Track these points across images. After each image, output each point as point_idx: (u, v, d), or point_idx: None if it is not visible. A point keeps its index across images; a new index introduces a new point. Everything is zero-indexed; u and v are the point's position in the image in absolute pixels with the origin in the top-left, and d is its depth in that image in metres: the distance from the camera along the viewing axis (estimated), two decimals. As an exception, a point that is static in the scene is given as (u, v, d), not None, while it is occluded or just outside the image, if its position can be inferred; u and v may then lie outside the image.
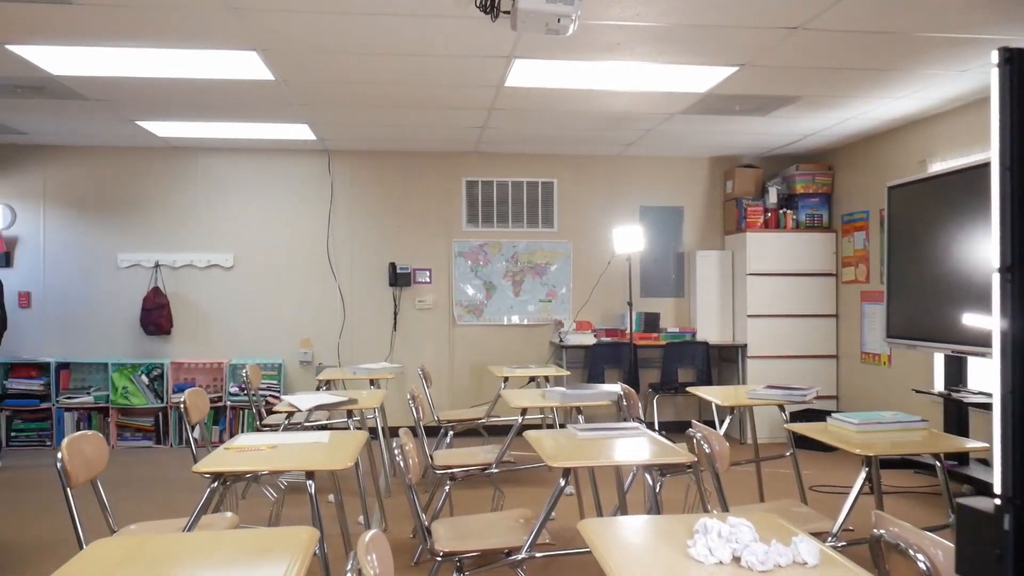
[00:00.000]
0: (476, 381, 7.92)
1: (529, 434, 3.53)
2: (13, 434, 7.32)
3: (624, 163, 8.09)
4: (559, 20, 3.46)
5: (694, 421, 3.59)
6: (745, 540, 1.91)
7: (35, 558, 4.37)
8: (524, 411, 4.63)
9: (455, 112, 6.13)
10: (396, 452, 3.10)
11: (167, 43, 4.47)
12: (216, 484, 3.03)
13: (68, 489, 3.03)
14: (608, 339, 7.64)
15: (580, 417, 4.56)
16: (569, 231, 8.03)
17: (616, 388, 4.66)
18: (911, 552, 1.87)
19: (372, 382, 5.98)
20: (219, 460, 3.00)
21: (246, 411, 7.47)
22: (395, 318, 7.83)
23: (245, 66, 4.89)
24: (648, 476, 3.26)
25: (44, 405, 7.33)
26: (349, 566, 1.76)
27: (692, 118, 6.33)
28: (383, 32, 4.28)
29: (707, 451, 3.22)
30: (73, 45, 4.54)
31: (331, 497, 5.49)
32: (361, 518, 4.61)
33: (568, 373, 6.38)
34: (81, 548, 2.99)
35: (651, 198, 8.13)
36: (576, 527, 4.82)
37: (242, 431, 7.47)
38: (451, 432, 5.94)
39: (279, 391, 7.53)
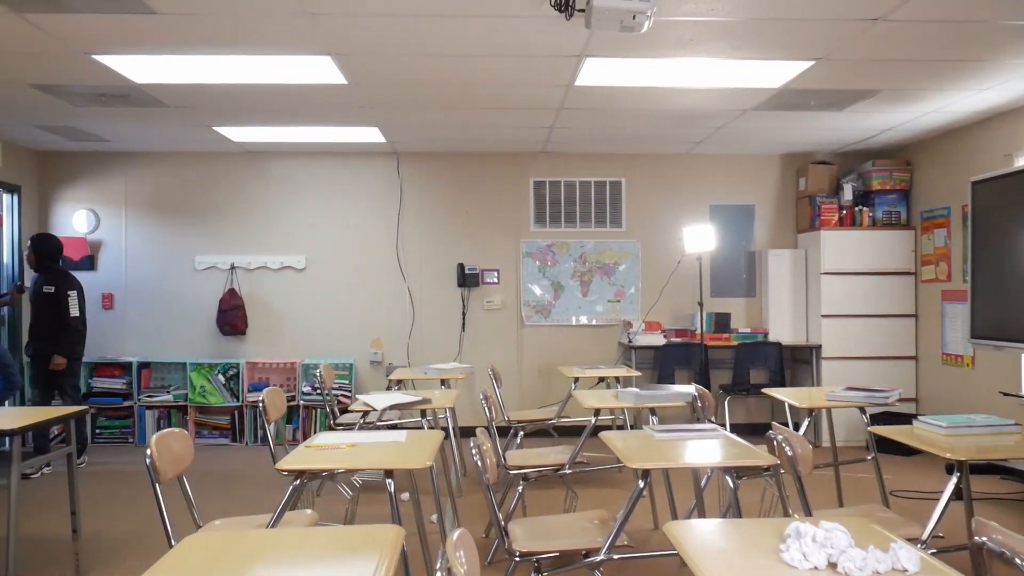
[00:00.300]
0: (544, 382, 7.91)
1: (605, 435, 3.50)
2: (98, 431, 7.58)
3: (693, 161, 7.98)
4: (634, 17, 3.42)
5: (774, 423, 3.51)
6: (841, 546, 1.85)
7: (123, 552, 4.51)
8: (597, 412, 4.60)
9: (523, 113, 6.13)
10: (473, 452, 3.10)
11: (244, 50, 4.57)
12: (298, 482, 3.08)
13: (156, 484, 3.12)
14: (678, 340, 7.55)
15: (654, 418, 4.51)
16: (637, 231, 7.96)
17: (690, 389, 4.60)
18: (1018, 561, 1.79)
19: (443, 382, 6.02)
20: (301, 458, 3.05)
21: (318, 410, 7.60)
22: (463, 319, 7.87)
23: (319, 70, 4.97)
24: (728, 479, 3.20)
25: (127, 403, 7.58)
26: (439, 564, 1.77)
27: (765, 114, 6.21)
28: (454, 34, 4.30)
29: (789, 454, 3.15)
30: (155, 54, 4.67)
31: (405, 495, 5.55)
32: (435, 517, 4.64)
33: (639, 374, 6.32)
34: (169, 542, 3.08)
35: (721, 196, 8.01)
36: (649, 529, 4.79)
37: (314, 430, 7.60)
38: (521, 432, 5.95)
39: (350, 391, 7.64)
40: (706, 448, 3.27)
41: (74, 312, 6.36)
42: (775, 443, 3.25)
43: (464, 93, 5.55)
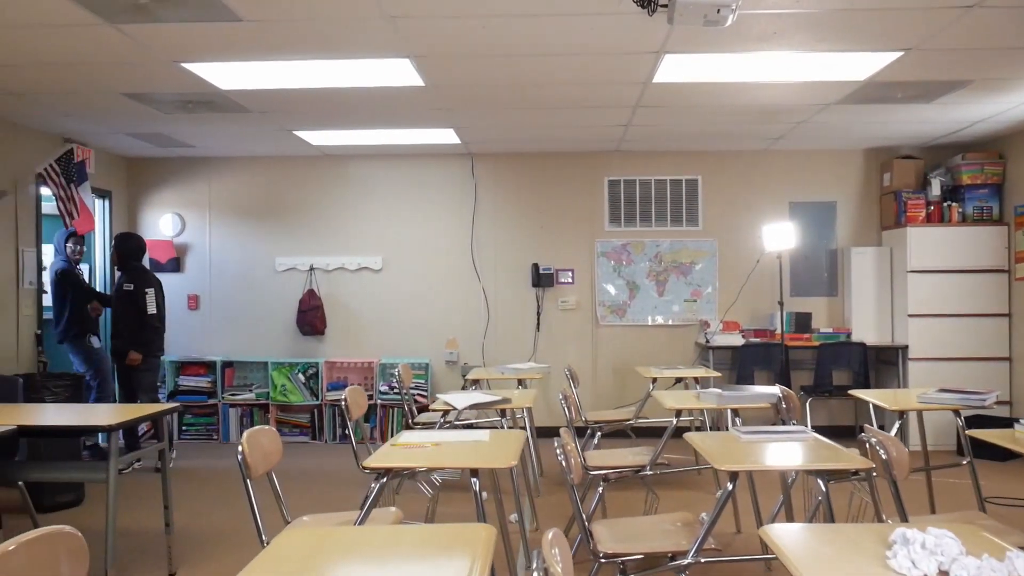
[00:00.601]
0: (620, 382, 7.85)
1: (690, 436, 3.44)
2: (184, 428, 7.82)
3: (772, 158, 7.81)
4: (718, 11, 3.36)
5: (866, 426, 3.40)
6: (952, 553, 1.78)
7: (213, 546, 4.64)
8: (679, 413, 4.54)
9: (599, 111, 6.09)
10: (557, 452, 3.09)
11: (326, 54, 4.65)
12: (384, 480, 3.11)
13: (248, 480, 3.19)
14: (757, 340, 7.40)
15: (737, 419, 4.43)
16: (714, 229, 7.83)
17: (774, 390, 4.49)
18: None
19: (520, 382, 6.02)
20: (387, 456, 3.08)
21: (395, 409, 7.69)
22: (538, 318, 7.87)
23: (397, 73, 5.02)
24: (820, 482, 3.12)
25: (211, 401, 7.80)
26: (535, 564, 1.76)
27: (848, 108, 6.03)
28: (533, 33, 4.30)
29: (883, 457, 3.05)
30: (240, 60, 4.79)
31: (484, 494, 5.56)
32: (514, 516, 4.64)
33: (719, 375, 6.21)
34: (260, 537, 3.15)
35: (801, 193, 7.82)
36: (731, 533, 4.70)
37: (391, 429, 7.69)
38: (599, 433, 5.91)
39: (426, 391, 7.71)
40: (795, 450, 3.19)
41: (151, 309, 6.46)
42: (868, 445, 3.14)
43: (540, 93, 5.55)
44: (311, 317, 7.84)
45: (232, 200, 8.04)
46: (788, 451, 3.18)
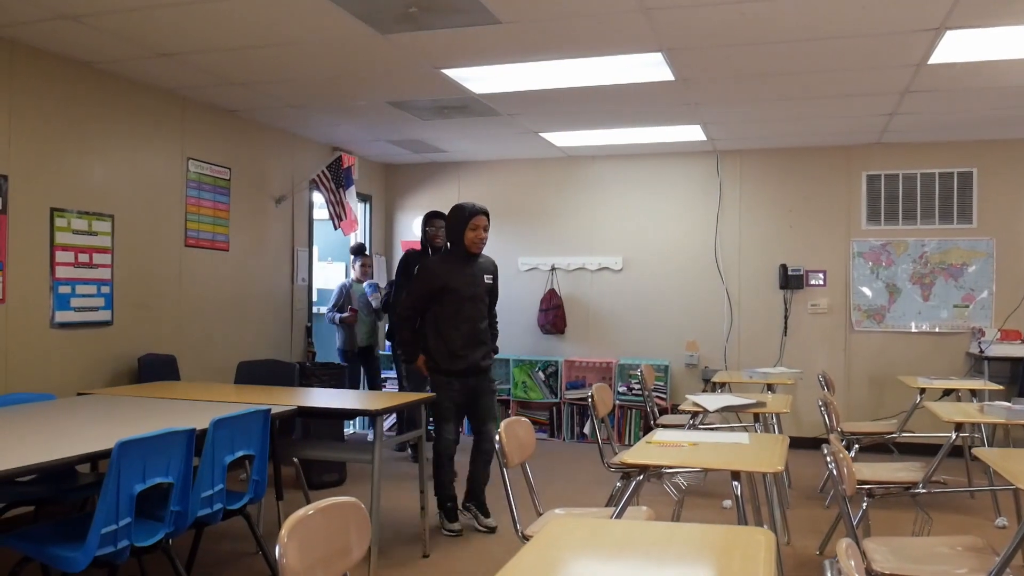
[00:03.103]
0: (876, 392, 7.27)
1: (981, 452, 3.08)
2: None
3: (1064, 146, 6.91)
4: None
5: None
6: None
7: (466, 533, 4.81)
8: (959, 427, 4.10)
9: (861, 99, 5.67)
10: (828, 460, 2.88)
11: (578, 52, 4.68)
12: (641, 477, 3.05)
13: (504, 469, 3.26)
14: (1044, 351, 6.56)
15: (1031, 438, 3.92)
16: (992, 227, 7.03)
17: (1078, 406, 3.94)
18: None
19: (768, 387, 5.74)
20: (644, 453, 3.02)
21: (634, 411, 7.62)
22: (785, 322, 7.48)
23: (648, 68, 4.96)
24: None
25: (457, 395, 8.12)
26: (829, 574, 1.62)
27: None
28: (796, 17, 4.06)
29: None
30: (494, 64, 4.94)
31: (726, 503, 5.36)
32: (765, 527, 4.41)
33: (1002, 388, 5.56)
34: (515, 526, 3.20)
35: (1102, 185, 6.84)
36: (1020, 566, 4.17)
37: (629, 430, 7.63)
38: (856, 446, 5.50)
39: (665, 392, 7.57)
40: (1118, 475, 2.75)
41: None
42: None
43: (796, 83, 5.25)
44: (552, 316, 7.97)
45: (479, 201, 8.30)
46: (1109, 475, 2.75)
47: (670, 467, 3.12)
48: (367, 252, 7.52)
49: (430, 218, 5.95)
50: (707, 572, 1.81)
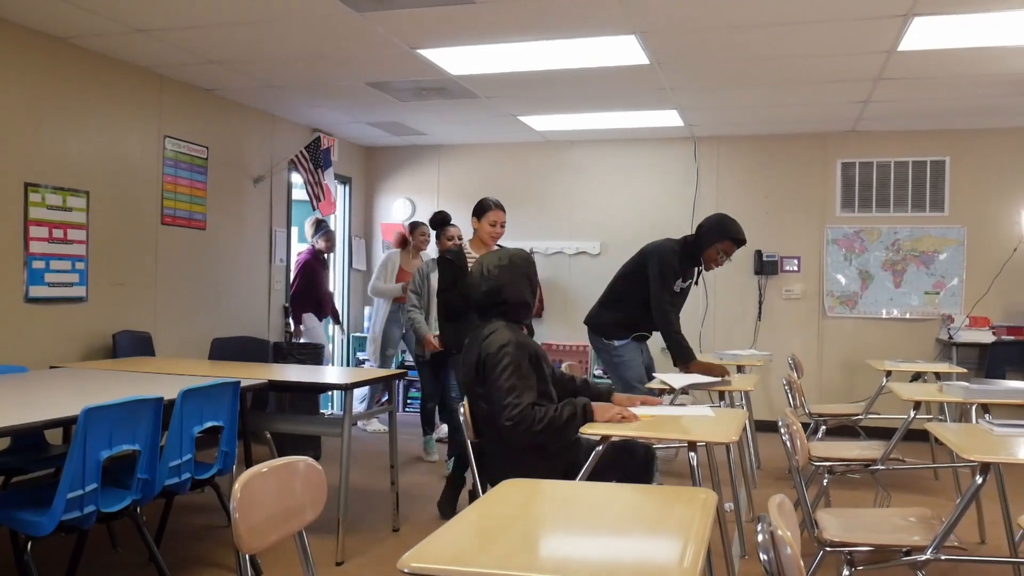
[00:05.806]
0: (848, 377, 7.37)
1: (933, 426, 3.17)
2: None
3: (1035, 136, 7.01)
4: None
5: None
6: None
7: (434, 505, 4.86)
8: (917, 405, 4.18)
9: (835, 86, 5.74)
10: (782, 432, 2.95)
11: (553, 34, 4.72)
12: (601, 448, 3.11)
13: (469, 442, 3.32)
14: (1010, 337, 6.67)
15: (987, 416, 4.01)
16: (963, 215, 7.14)
17: (1033, 387, 4.03)
18: None
19: (739, 369, 5.82)
20: (604, 425, 3.08)
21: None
22: (760, 307, 7.57)
23: (622, 52, 5.00)
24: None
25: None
26: (760, 527, 1.69)
27: None
28: (769, 0, 4.12)
29: None
30: (470, 44, 4.98)
31: (728, 505, 5.43)
32: (729, 505, 4.50)
33: (966, 371, 5.67)
34: (479, 494, 3.26)
35: (1070, 175, 6.95)
36: (975, 543, 4.27)
37: (605, 413, 7.71)
38: (823, 427, 5.60)
39: (641, 376, 7.64)
40: (1061, 448, 2.84)
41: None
42: None
43: (769, 68, 5.32)
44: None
45: (459, 185, 8.38)
46: (1051, 448, 2.84)
47: (627, 437, 3.18)
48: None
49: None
50: (645, 525, 1.87)
